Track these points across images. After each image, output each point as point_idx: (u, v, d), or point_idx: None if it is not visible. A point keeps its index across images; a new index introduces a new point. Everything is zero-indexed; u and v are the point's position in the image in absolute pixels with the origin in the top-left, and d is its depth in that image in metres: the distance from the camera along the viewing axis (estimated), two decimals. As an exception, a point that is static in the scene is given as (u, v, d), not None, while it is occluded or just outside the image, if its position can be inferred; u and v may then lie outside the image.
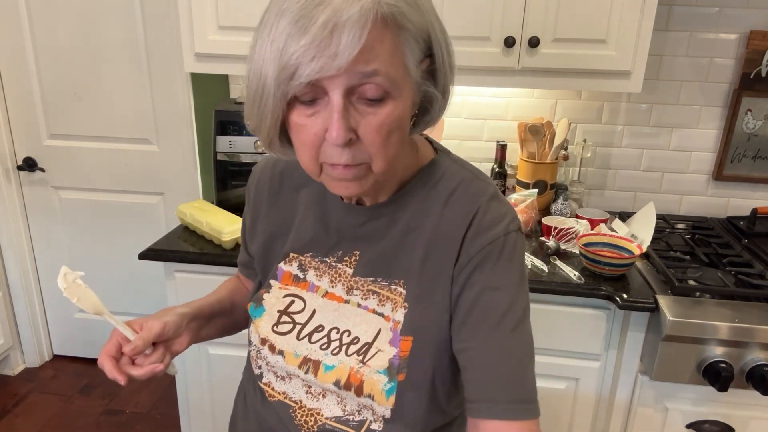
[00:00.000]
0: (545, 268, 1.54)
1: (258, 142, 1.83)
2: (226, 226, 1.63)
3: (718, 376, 1.35)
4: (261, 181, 0.86)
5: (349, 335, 0.76)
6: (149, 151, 2.30)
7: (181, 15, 1.68)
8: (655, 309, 1.41)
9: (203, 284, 1.66)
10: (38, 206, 2.45)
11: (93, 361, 2.65)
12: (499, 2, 1.56)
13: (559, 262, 1.58)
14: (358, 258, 0.78)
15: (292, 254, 0.81)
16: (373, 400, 0.74)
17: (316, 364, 0.76)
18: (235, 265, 1.56)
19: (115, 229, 2.43)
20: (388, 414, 0.75)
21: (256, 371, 0.85)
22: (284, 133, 0.68)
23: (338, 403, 0.78)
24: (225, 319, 0.95)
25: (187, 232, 1.77)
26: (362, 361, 0.74)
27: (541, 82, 1.64)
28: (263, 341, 0.80)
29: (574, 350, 1.55)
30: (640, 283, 1.50)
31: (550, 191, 1.91)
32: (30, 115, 2.31)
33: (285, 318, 0.79)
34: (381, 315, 0.75)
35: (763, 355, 1.36)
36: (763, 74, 1.84)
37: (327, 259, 0.79)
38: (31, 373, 2.58)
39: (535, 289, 1.48)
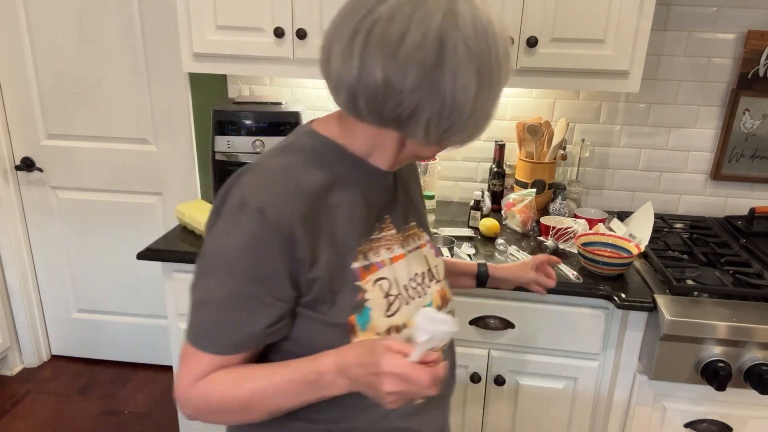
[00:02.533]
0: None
1: (256, 142, 1.83)
2: (225, 226, 1.62)
3: (716, 376, 1.35)
4: (292, 210, 0.76)
5: (419, 275, 0.92)
6: (147, 151, 2.30)
7: (179, 15, 1.68)
8: (653, 308, 1.41)
9: (202, 284, 1.66)
10: (36, 206, 2.45)
11: (91, 362, 2.65)
12: (498, 2, 1.56)
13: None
14: (390, 219, 0.90)
15: (357, 249, 0.84)
16: (451, 301, 0.98)
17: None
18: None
19: (113, 229, 2.43)
20: (454, 306, 1.00)
21: None
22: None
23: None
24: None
25: (185, 232, 1.77)
26: (437, 281, 0.95)
27: (539, 82, 1.64)
28: (387, 331, 0.83)
29: (573, 350, 1.55)
30: (638, 282, 1.50)
31: (549, 191, 1.91)
32: (28, 114, 2.31)
33: (390, 299, 0.86)
34: (418, 247, 0.95)
35: (760, 355, 1.36)
36: (761, 74, 1.84)
37: (373, 236, 0.87)
38: (29, 374, 2.58)
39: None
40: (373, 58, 0.69)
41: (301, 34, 1.64)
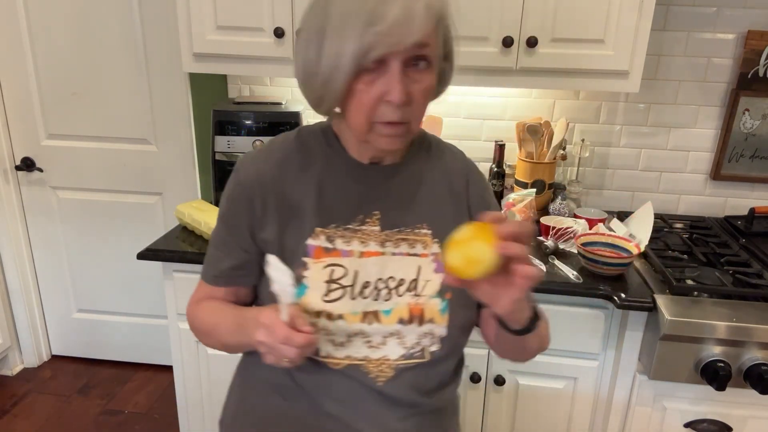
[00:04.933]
0: (543, 267, 1.54)
1: (256, 142, 1.83)
2: (225, 226, 1.62)
3: (715, 376, 1.35)
4: (261, 172, 0.89)
5: (394, 280, 0.88)
6: (148, 151, 2.30)
7: (179, 15, 1.68)
8: (653, 308, 1.41)
9: (202, 284, 1.67)
10: (36, 206, 2.45)
11: (91, 362, 2.65)
12: (497, 2, 1.56)
13: (557, 262, 1.58)
14: (379, 216, 0.89)
15: (317, 229, 0.88)
16: (433, 323, 0.88)
17: (376, 314, 0.87)
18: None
19: (113, 229, 2.43)
20: (444, 332, 0.89)
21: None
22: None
23: (399, 344, 0.88)
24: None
25: (185, 232, 1.77)
26: (416, 295, 0.88)
27: (539, 82, 1.64)
28: (318, 314, 0.86)
29: (573, 350, 1.55)
30: (638, 282, 1.50)
31: (549, 191, 1.91)
32: (28, 115, 2.31)
33: (333, 286, 0.87)
34: (416, 255, 0.90)
35: (760, 354, 1.36)
36: (761, 74, 1.84)
37: (350, 226, 0.89)
38: (29, 374, 2.58)
39: (534, 288, 1.47)
40: (297, 45, 0.83)
41: (301, 34, 1.64)
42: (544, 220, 1.75)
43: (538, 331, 0.85)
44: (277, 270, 0.77)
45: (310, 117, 1.91)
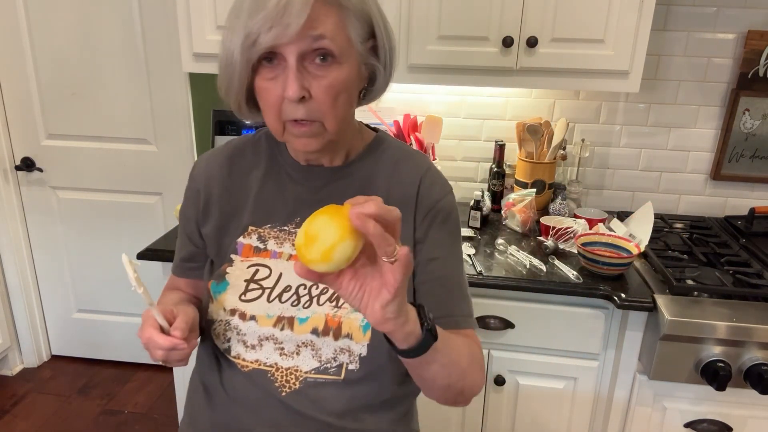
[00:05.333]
0: (543, 267, 1.54)
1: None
2: (225, 226, 1.63)
3: (716, 376, 1.35)
4: (210, 167, 0.91)
5: (317, 287, 0.84)
6: (147, 151, 2.30)
7: (179, 15, 1.67)
8: (653, 308, 1.41)
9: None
10: (36, 206, 2.45)
11: (91, 362, 2.65)
12: (497, 2, 1.56)
13: (557, 262, 1.58)
14: None
15: (250, 227, 0.87)
16: (351, 339, 0.82)
17: (291, 320, 0.84)
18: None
19: (113, 229, 2.43)
20: (364, 351, 0.82)
21: (223, 346, 0.88)
22: (252, 100, 0.81)
23: (313, 356, 0.84)
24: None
25: (185, 232, 1.77)
26: (336, 306, 0.83)
27: (539, 82, 1.64)
28: (232, 312, 0.85)
29: (573, 350, 1.55)
30: (638, 282, 1.50)
31: (549, 191, 1.91)
32: (28, 115, 2.31)
33: (252, 286, 0.85)
34: None
35: (760, 355, 1.36)
36: (761, 74, 1.84)
37: (286, 227, 0.87)
38: (29, 374, 2.58)
39: (534, 288, 1.48)
40: None
41: (301, 34, 1.64)
42: (544, 220, 1.75)
43: (438, 358, 0.70)
44: (127, 269, 0.76)
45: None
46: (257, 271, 0.85)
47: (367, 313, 0.62)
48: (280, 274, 0.85)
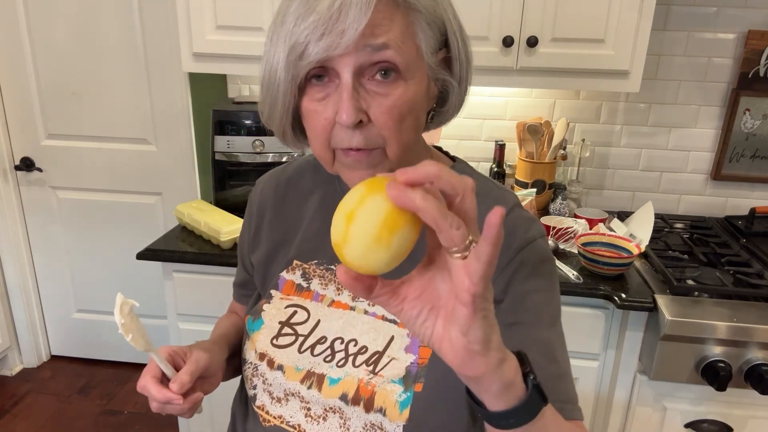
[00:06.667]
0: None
1: (256, 142, 1.83)
2: (224, 226, 1.62)
3: (716, 376, 1.35)
4: (266, 189, 0.83)
5: (355, 345, 0.70)
6: (147, 151, 2.30)
7: (179, 15, 1.67)
8: (653, 308, 1.41)
9: (201, 284, 1.67)
10: (36, 206, 2.44)
11: (91, 362, 2.65)
12: (498, 2, 1.56)
13: (557, 262, 1.58)
14: None
15: (295, 262, 0.77)
16: (384, 415, 0.67)
17: (320, 378, 0.71)
18: (233, 264, 1.57)
19: (113, 229, 2.43)
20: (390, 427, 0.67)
21: (250, 392, 0.78)
22: (298, 124, 0.67)
23: (341, 426, 0.70)
24: (238, 359, 0.85)
25: (185, 232, 1.77)
26: (373, 372, 0.68)
27: (539, 82, 1.64)
28: (261, 356, 0.75)
29: (573, 350, 1.54)
30: (638, 282, 1.50)
31: (549, 191, 1.91)
32: (28, 114, 2.31)
33: (286, 330, 0.74)
34: (393, 321, 0.70)
35: (761, 355, 1.36)
36: (761, 74, 1.84)
37: (333, 267, 0.75)
38: (29, 374, 2.58)
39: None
40: None
41: (301, 34, 1.63)
42: (544, 220, 1.74)
43: (543, 425, 0.47)
44: (116, 314, 0.67)
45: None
46: (295, 313, 0.75)
47: (443, 348, 0.42)
48: (318, 322, 0.74)
